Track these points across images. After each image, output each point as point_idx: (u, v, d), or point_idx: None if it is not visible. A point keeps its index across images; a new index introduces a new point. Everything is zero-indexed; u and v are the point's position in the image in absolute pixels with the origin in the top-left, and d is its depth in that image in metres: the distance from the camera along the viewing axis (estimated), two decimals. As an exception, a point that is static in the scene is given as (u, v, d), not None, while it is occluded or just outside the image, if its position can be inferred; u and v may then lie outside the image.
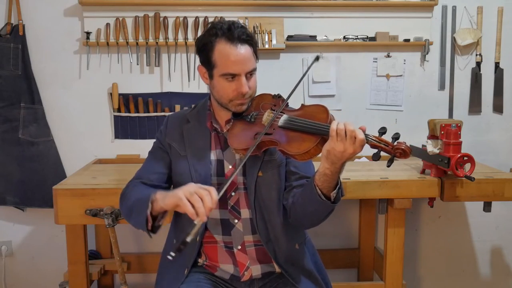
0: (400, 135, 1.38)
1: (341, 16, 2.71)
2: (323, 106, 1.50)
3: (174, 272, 1.65)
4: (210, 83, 1.59)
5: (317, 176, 1.44)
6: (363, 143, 1.36)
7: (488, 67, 2.83)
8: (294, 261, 1.66)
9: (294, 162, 1.62)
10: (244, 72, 1.52)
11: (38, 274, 2.83)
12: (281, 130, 1.49)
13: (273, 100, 1.61)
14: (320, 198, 1.43)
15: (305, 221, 1.58)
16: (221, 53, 1.51)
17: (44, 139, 2.68)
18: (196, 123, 1.66)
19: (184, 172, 1.61)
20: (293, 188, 1.60)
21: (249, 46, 1.53)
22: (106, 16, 2.61)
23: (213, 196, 1.33)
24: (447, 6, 2.76)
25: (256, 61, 1.57)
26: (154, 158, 1.69)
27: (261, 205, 1.60)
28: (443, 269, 2.97)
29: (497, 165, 2.68)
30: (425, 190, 2.22)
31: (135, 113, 2.71)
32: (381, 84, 2.79)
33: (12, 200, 2.67)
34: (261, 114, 1.58)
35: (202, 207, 1.31)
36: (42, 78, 2.67)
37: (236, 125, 1.60)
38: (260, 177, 1.59)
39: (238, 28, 1.51)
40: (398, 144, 1.37)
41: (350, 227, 2.91)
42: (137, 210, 1.49)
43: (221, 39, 1.51)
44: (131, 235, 2.82)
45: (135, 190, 1.58)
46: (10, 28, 2.60)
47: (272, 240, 1.62)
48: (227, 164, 1.63)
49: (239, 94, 1.54)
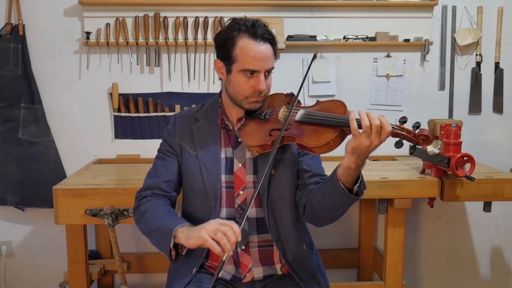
0: (420, 124, 1.40)
1: (341, 16, 2.71)
2: (340, 101, 1.52)
3: (183, 271, 1.65)
4: (226, 78, 1.59)
5: (340, 170, 1.44)
6: (389, 135, 1.37)
7: (488, 67, 2.82)
8: (302, 262, 1.67)
9: (307, 161, 1.63)
10: (263, 70, 1.53)
11: (38, 274, 2.83)
12: (298, 125, 1.50)
13: (286, 98, 1.62)
14: (344, 192, 1.44)
15: (321, 218, 1.58)
16: (243, 48, 1.51)
17: (44, 139, 2.68)
18: (206, 122, 1.66)
19: (195, 172, 1.62)
20: (307, 186, 1.60)
21: (270, 45, 1.55)
22: (106, 16, 2.61)
23: (235, 230, 1.36)
24: (447, 6, 2.76)
25: (274, 61, 1.58)
26: (163, 164, 1.67)
27: (273, 203, 1.61)
28: (443, 269, 2.97)
29: (497, 165, 2.68)
30: (425, 190, 2.22)
31: (135, 113, 2.71)
32: (381, 84, 2.79)
33: (12, 200, 2.67)
34: (276, 111, 1.58)
35: (228, 243, 1.34)
36: (42, 78, 2.67)
37: (249, 124, 1.60)
38: (273, 176, 1.60)
39: (261, 27, 1.53)
40: (421, 131, 1.38)
41: (350, 227, 2.91)
42: (159, 239, 1.51)
43: (244, 34, 1.52)
44: (131, 235, 2.82)
45: (153, 210, 1.58)
46: (10, 28, 2.60)
47: (282, 239, 1.63)
48: (237, 163, 1.63)
49: (255, 91, 1.54)
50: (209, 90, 2.73)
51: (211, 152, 1.62)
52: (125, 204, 2.07)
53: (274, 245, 1.63)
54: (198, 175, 1.61)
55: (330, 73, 2.75)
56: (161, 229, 1.50)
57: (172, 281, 1.68)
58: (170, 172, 1.65)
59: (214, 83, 2.71)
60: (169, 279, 1.73)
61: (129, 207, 2.07)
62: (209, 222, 1.41)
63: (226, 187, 1.62)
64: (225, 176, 1.62)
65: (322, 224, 1.64)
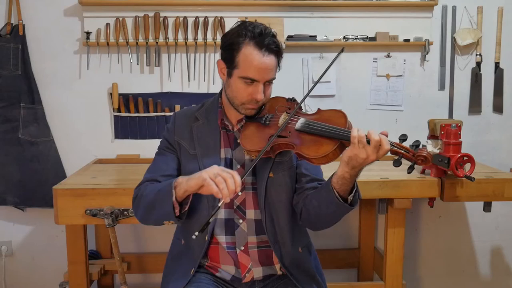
0: (420, 143, 1.39)
1: (341, 16, 2.71)
2: (341, 111, 1.50)
3: (180, 272, 1.65)
4: (227, 80, 1.58)
5: (334, 179, 1.45)
6: (387, 152, 1.37)
7: (488, 67, 2.83)
8: (299, 264, 1.66)
9: (306, 165, 1.62)
10: (263, 80, 1.53)
11: (38, 274, 2.83)
12: (298, 134, 1.49)
13: (288, 103, 1.61)
14: (339, 201, 1.44)
15: (317, 223, 1.59)
16: (247, 56, 1.50)
17: (44, 139, 2.68)
18: (205, 121, 1.66)
19: (194, 171, 1.60)
20: (304, 190, 1.60)
21: (275, 57, 1.53)
22: (106, 16, 2.61)
23: (236, 179, 1.37)
24: (447, 6, 2.76)
25: (277, 71, 1.57)
26: (162, 160, 1.67)
27: (270, 206, 1.61)
28: (443, 269, 2.97)
29: (497, 165, 2.68)
30: (425, 190, 2.22)
31: (135, 113, 2.71)
32: (381, 84, 2.79)
33: (12, 200, 2.67)
34: (277, 116, 1.58)
35: (226, 188, 1.35)
36: (42, 78, 2.67)
37: (249, 127, 1.59)
38: (271, 178, 1.59)
39: (269, 36, 1.51)
40: (420, 151, 1.38)
41: (350, 227, 2.91)
42: (160, 201, 1.49)
43: (250, 42, 1.50)
44: (131, 235, 2.82)
45: (150, 187, 1.58)
46: (10, 28, 2.60)
47: (279, 242, 1.62)
48: (236, 164, 1.63)
49: (252, 100, 1.54)
50: (209, 90, 2.73)
51: (210, 152, 1.62)
52: (125, 204, 2.07)
53: (271, 247, 1.63)
54: None
55: (330, 73, 2.75)
56: (161, 190, 1.50)
57: (168, 281, 1.67)
58: (170, 167, 1.65)
59: (214, 83, 2.71)
60: (164, 280, 1.72)
61: (129, 207, 2.07)
62: (213, 166, 1.42)
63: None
64: None
65: (317, 229, 1.64)
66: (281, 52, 1.56)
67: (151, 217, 1.57)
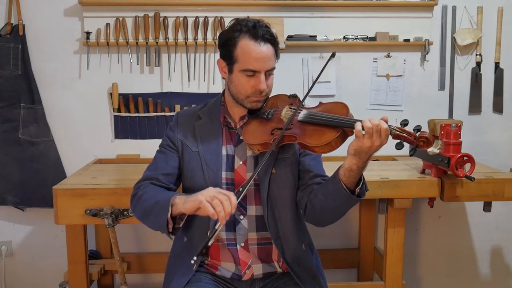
0: (421, 127, 1.43)
1: (341, 16, 2.71)
2: (342, 103, 1.55)
3: (183, 268, 1.65)
4: (229, 77, 1.61)
5: (341, 171, 1.46)
6: (388, 133, 1.40)
7: (488, 67, 2.82)
8: (301, 261, 1.67)
9: (309, 161, 1.64)
10: (264, 70, 1.55)
11: (38, 274, 2.83)
12: (301, 124, 1.52)
13: (289, 99, 1.65)
14: (346, 192, 1.46)
15: (322, 218, 1.60)
16: (244, 49, 1.54)
17: (44, 139, 2.68)
18: (208, 120, 1.68)
19: (197, 168, 1.63)
20: (308, 186, 1.61)
21: (271, 46, 1.57)
22: (106, 16, 2.61)
23: (232, 201, 1.38)
24: (447, 6, 2.76)
25: (276, 61, 1.60)
26: (163, 158, 1.69)
27: (273, 202, 1.62)
28: (443, 269, 2.97)
29: (497, 165, 2.68)
30: (425, 190, 2.22)
31: (135, 113, 2.71)
32: (381, 84, 2.79)
33: (12, 200, 2.67)
34: (279, 110, 1.60)
35: (223, 211, 1.36)
36: (42, 78, 2.67)
37: (251, 122, 1.62)
38: (274, 174, 1.61)
39: (263, 27, 1.56)
40: (421, 133, 1.41)
41: (350, 227, 2.91)
42: (156, 212, 1.52)
43: (245, 35, 1.54)
44: (131, 235, 2.82)
45: (150, 192, 1.59)
46: (10, 28, 2.60)
47: (281, 238, 1.63)
48: (238, 160, 1.64)
49: (256, 91, 1.56)
50: (209, 90, 2.73)
51: (212, 148, 1.64)
52: (125, 204, 2.07)
53: (273, 243, 1.64)
54: (199, 171, 1.62)
55: (330, 73, 2.75)
56: (159, 202, 1.52)
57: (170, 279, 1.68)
58: (170, 166, 1.67)
59: (214, 83, 2.71)
60: (166, 278, 1.72)
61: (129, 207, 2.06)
62: (208, 189, 1.44)
63: (226, 183, 1.63)
64: (225, 173, 1.63)
65: (322, 225, 1.65)
66: (277, 41, 1.59)
67: (146, 222, 1.60)
